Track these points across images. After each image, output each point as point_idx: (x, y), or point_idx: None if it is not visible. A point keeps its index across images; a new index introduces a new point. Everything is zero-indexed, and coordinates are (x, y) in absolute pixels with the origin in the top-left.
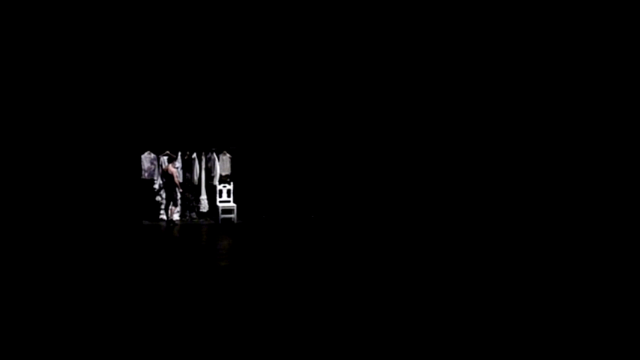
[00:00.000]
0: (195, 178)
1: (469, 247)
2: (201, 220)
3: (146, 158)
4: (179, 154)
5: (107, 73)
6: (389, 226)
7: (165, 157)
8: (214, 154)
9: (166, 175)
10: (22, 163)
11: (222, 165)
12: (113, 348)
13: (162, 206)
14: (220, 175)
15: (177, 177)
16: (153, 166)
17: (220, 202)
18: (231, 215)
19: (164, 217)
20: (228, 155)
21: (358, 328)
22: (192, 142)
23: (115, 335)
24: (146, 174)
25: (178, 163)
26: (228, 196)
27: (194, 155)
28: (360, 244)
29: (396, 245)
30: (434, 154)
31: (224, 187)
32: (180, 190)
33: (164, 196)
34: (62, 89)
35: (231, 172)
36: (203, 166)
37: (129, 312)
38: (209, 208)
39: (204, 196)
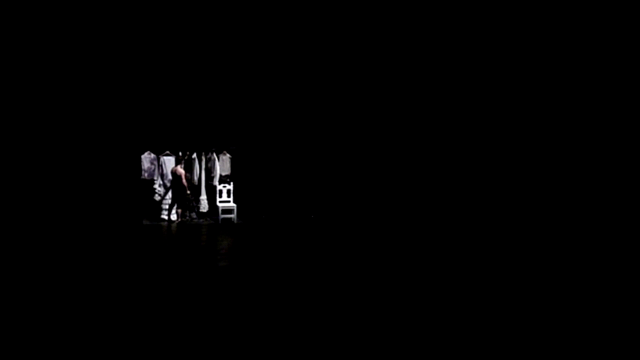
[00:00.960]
0: (195, 178)
1: (469, 247)
2: (201, 220)
3: (146, 158)
4: (179, 154)
5: (107, 74)
6: (389, 226)
7: (168, 157)
8: (214, 154)
9: (174, 177)
10: (22, 163)
11: (222, 165)
12: (113, 348)
13: (166, 206)
14: (220, 175)
15: (184, 178)
16: (153, 166)
17: (220, 202)
18: (231, 215)
19: (164, 217)
20: (228, 155)
21: (358, 327)
22: (192, 142)
23: (114, 335)
24: (146, 174)
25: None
26: (228, 196)
27: (194, 155)
28: (359, 244)
29: (395, 245)
30: (433, 154)
31: (224, 187)
32: (188, 192)
33: (169, 196)
34: (62, 90)
35: (231, 172)
36: (203, 166)
37: (129, 312)
38: (209, 208)
39: (204, 196)
